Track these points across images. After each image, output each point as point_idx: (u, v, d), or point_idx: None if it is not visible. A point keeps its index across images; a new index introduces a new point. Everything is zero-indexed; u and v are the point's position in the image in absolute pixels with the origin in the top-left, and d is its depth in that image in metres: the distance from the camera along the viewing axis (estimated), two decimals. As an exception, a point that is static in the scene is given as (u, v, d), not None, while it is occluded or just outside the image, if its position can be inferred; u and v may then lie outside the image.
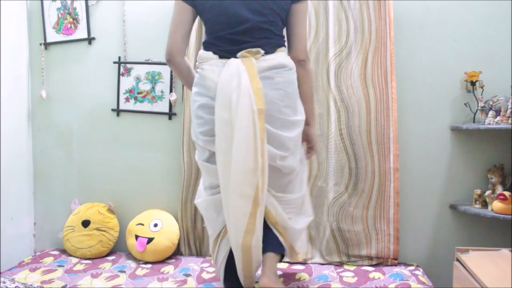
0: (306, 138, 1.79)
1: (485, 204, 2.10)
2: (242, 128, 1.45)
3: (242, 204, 1.49)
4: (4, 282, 1.89)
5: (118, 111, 2.51)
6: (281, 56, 1.60)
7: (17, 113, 2.51)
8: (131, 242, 2.32)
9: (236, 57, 1.54)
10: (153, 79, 2.46)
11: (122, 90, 2.49)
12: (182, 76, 1.76)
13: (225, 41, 1.57)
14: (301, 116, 1.64)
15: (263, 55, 1.54)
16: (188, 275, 2.08)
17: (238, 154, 1.46)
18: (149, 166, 2.49)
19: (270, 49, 1.57)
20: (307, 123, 1.74)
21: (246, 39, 1.54)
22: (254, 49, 1.53)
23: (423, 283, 1.93)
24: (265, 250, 1.63)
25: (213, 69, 1.56)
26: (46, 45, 2.57)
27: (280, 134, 1.55)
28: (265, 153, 1.48)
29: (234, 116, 1.46)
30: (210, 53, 1.59)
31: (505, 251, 1.51)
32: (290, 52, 1.67)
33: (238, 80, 1.47)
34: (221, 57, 1.57)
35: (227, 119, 1.48)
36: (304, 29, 1.66)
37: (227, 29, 1.56)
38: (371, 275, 2.04)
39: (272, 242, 1.66)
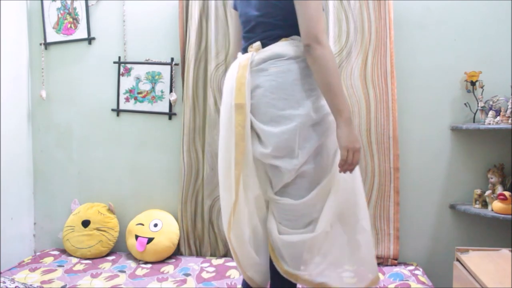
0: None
1: (485, 204, 2.10)
2: (223, 124, 1.50)
3: (227, 197, 1.52)
4: (4, 282, 1.89)
5: (118, 111, 2.51)
6: (278, 45, 1.51)
7: (17, 113, 2.51)
8: (131, 242, 2.32)
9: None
10: (153, 79, 2.46)
11: (122, 90, 2.49)
12: None
13: (243, 40, 1.62)
14: (303, 111, 1.44)
15: (262, 48, 1.52)
16: (188, 275, 2.09)
17: (220, 149, 1.52)
18: (149, 166, 2.49)
19: (270, 41, 1.53)
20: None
21: (251, 35, 1.56)
22: (255, 44, 1.54)
23: (423, 283, 1.93)
24: None
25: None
26: (46, 45, 2.57)
27: (263, 128, 1.45)
28: (245, 148, 1.44)
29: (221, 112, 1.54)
30: (239, 54, 1.63)
31: (505, 251, 1.51)
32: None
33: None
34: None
35: (221, 115, 1.54)
36: (305, 10, 1.43)
37: (243, 29, 1.61)
38: (371, 275, 2.04)
39: None
